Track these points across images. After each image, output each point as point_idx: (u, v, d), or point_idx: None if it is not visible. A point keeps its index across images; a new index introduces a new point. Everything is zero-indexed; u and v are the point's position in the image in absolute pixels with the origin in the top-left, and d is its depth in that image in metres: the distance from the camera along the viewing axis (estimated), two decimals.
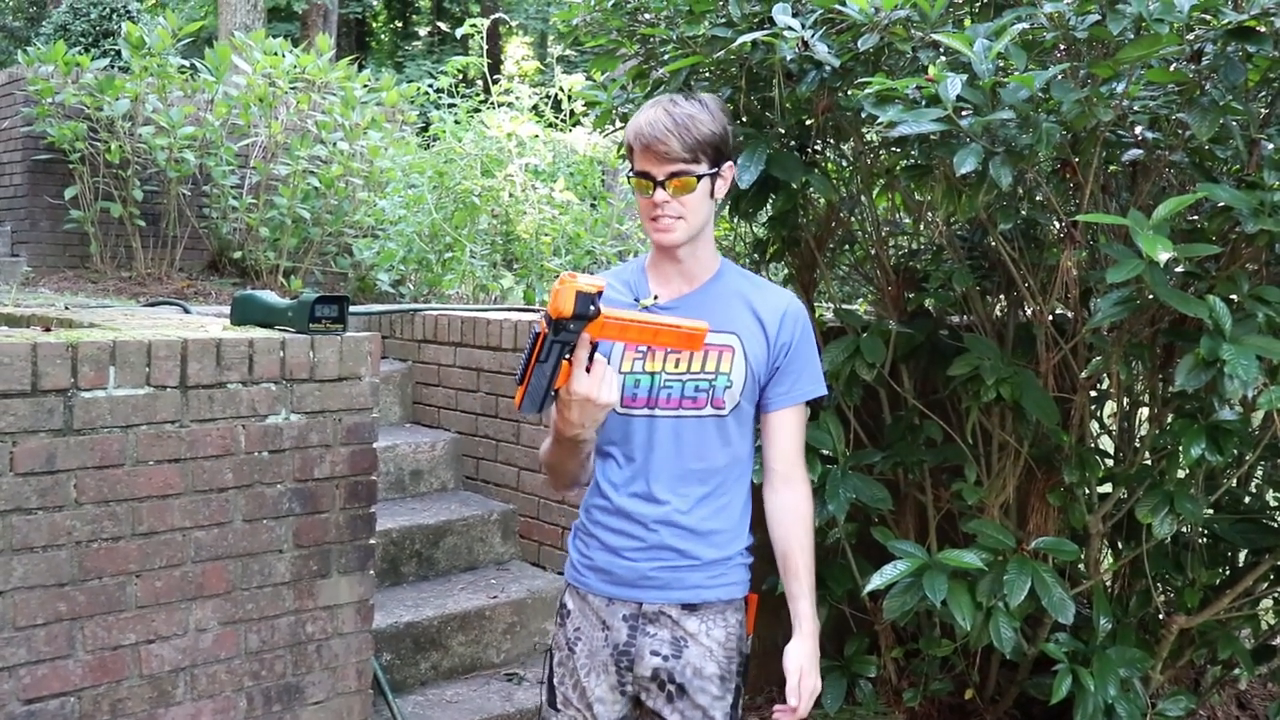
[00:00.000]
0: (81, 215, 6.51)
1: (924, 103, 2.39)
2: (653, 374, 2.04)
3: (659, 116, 1.97)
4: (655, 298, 2.09)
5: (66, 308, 3.79)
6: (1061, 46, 2.52)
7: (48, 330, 2.58)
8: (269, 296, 2.86)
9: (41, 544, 2.31)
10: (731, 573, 2.11)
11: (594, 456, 2.11)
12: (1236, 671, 3.72)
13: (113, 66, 7.01)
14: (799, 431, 2.15)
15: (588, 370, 1.80)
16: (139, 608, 2.45)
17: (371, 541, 2.83)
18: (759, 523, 2.15)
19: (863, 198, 3.43)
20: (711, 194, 2.03)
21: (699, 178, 1.98)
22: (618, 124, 3.47)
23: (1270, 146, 2.45)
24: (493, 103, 6.48)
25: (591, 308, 1.74)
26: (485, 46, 6.84)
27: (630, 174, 2.05)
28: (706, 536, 2.07)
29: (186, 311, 4.29)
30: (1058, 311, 3.15)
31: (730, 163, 2.07)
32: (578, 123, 6.67)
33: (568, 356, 1.78)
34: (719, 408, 2.04)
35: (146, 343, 2.42)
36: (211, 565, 2.55)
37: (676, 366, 2.04)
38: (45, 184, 6.74)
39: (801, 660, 2.08)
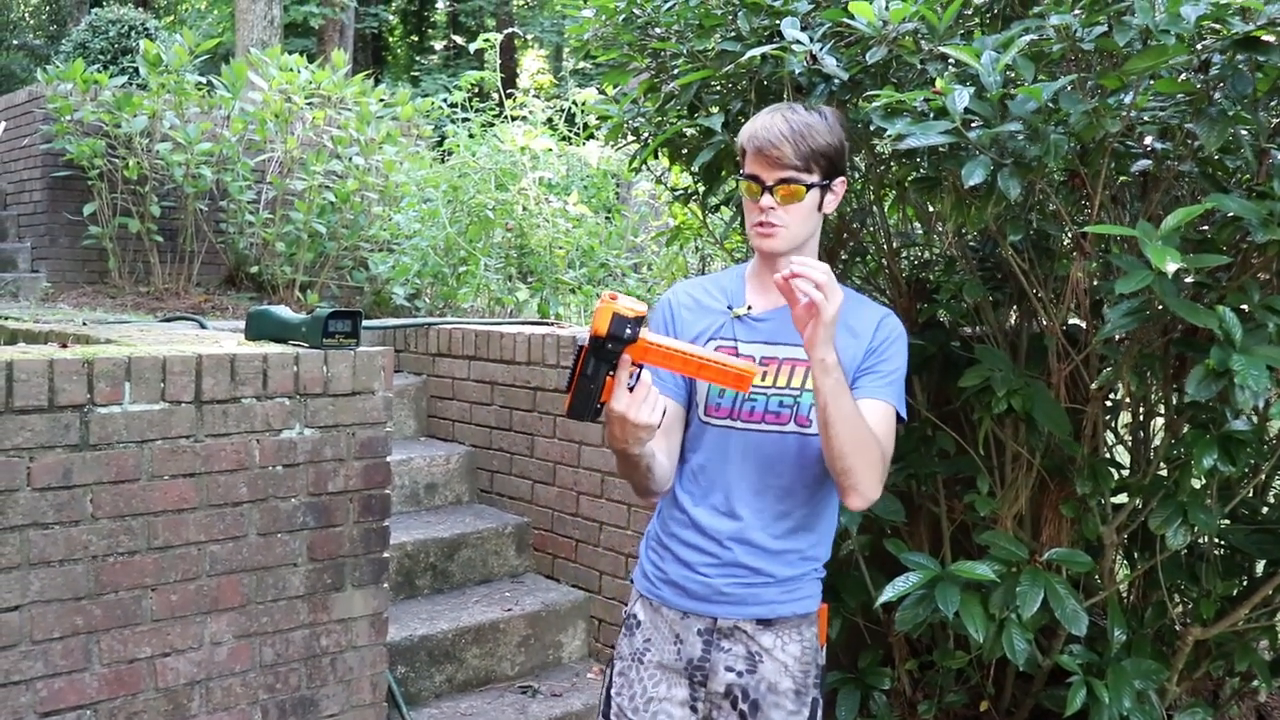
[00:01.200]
0: (100, 231, 6.57)
1: (932, 115, 2.39)
2: None
3: (776, 122, 1.95)
4: (749, 307, 2.06)
5: (84, 323, 3.83)
6: (1069, 58, 2.52)
7: (65, 346, 2.61)
8: (283, 312, 2.88)
9: (58, 558, 2.33)
10: (806, 587, 2.09)
11: (673, 464, 2.06)
12: (1255, 683, 3.70)
13: (131, 84, 7.08)
14: (886, 424, 1.97)
15: (631, 389, 1.78)
16: (154, 621, 2.47)
17: (386, 555, 2.85)
18: None
19: (874, 209, 3.43)
20: (820, 207, 2.00)
21: (809, 187, 1.96)
22: (629, 138, 3.49)
23: None
24: (507, 117, 6.52)
25: (628, 331, 1.74)
26: (500, 61, 6.87)
27: (740, 176, 2.03)
28: (781, 556, 2.04)
29: (203, 327, 4.32)
30: (1070, 322, 3.14)
31: (843, 178, 2.03)
32: (591, 136, 6.70)
33: (612, 373, 1.78)
34: (803, 425, 1.99)
35: (162, 358, 2.45)
36: (226, 579, 2.57)
37: (763, 379, 2.00)
38: (64, 200, 6.81)
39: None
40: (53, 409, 2.30)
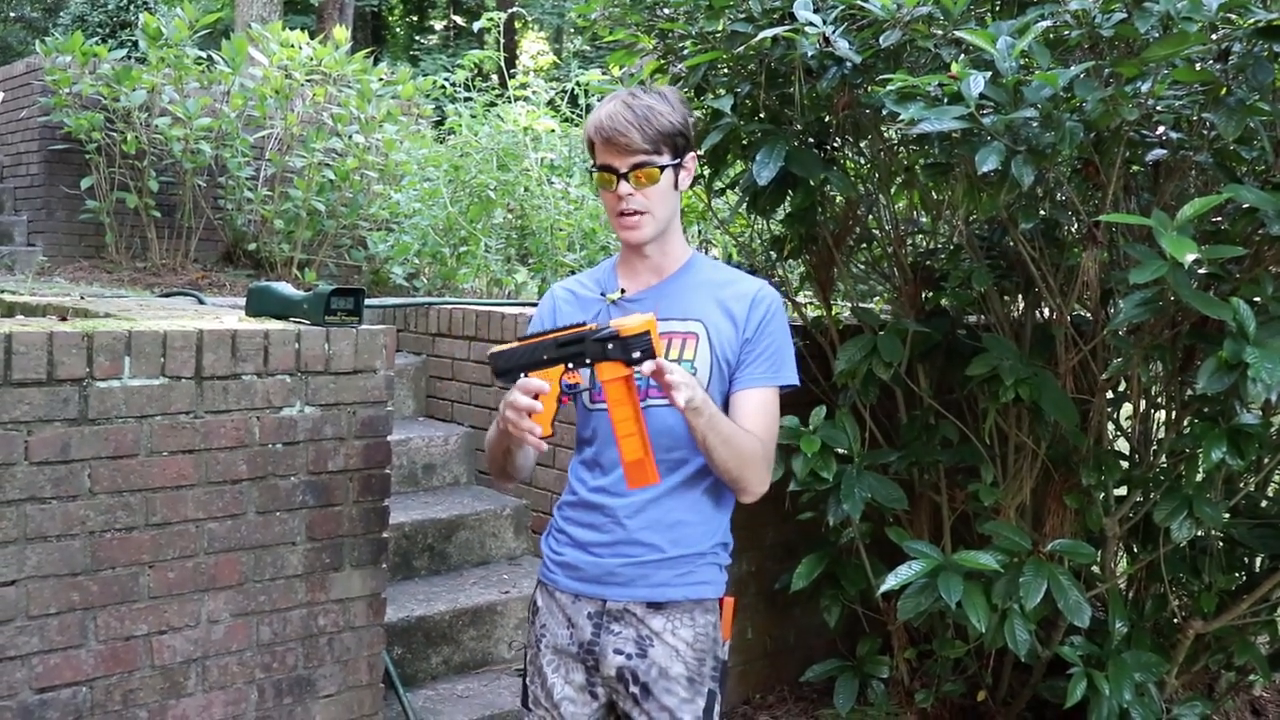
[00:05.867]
0: (97, 205, 6.51)
1: (946, 100, 2.37)
2: None
3: (618, 109, 1.97)
4: (622, 291, 2.08)
5: (82, 297, 3.79)
6: (1085, 45, 2.49)
7: (64, 320, 2.58)
8: (285, 288, 2.85)
9: (55, 533, 2.31)
10: (701, 571, 2.06)
11: (535, 459, 2.12)
12: (1252, 678, 3.70)
13: (130, 57, 7.01)
14: (765, 414, 2.03)
15: (563, 396, 1.83)
16: (152, 598, 2.45)
17: (384, 535, 2.83)
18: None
19: (881, 196, 3.41)
20: (675, 185, 2.02)
21: (662, 169, 1.98)
22: None
23: None
24: (509, 97, 6.47)
25: (637, 354, 1.77)
26: (502, 40, 6.83)
27: (591, 169, 2.04)
28: (674, 529, 2.03)
29: (201, 302, 4.28)
30: (1077, 312, 3.12)
31: (693, 154, 2.06)
32: None
33: (570, 365, 1.79)
34: None
35: (162, 333, 2.42)
36: (224, 557, 2.55)
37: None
38: (62, 174, 6.75)
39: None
40: (51, 382, 2.27)
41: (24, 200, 7.07)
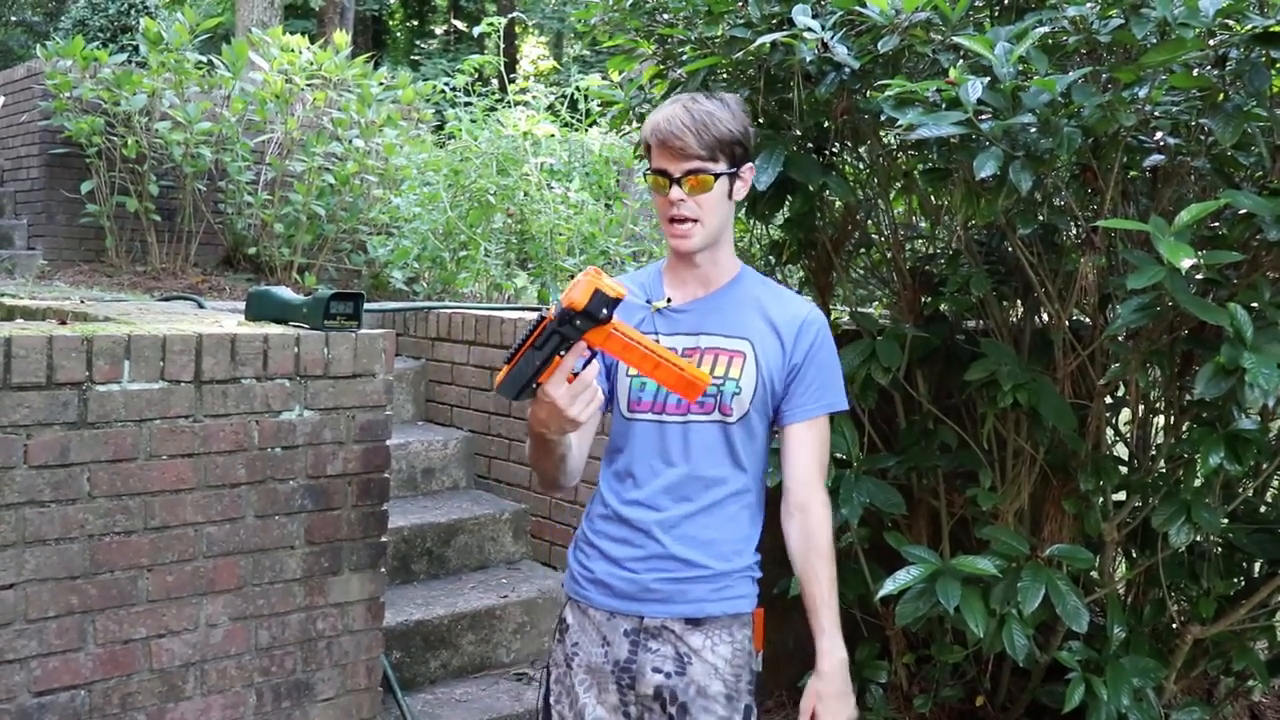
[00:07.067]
0: (97, 209, 6.52)
1: (944, 106, 2.37)
2: None
3: (677, 113, 1.93)
4: (669, 300, 2.03)
5: (82, 301, 3.79)
6: (1083, 51, 2.50)
7: (63, 323, 2.59)
8: (284, 292, 2.86)
9: (54, 537, 2.31)
10: (738, 585, 2.04)
11: (584, 458, 2.03)
12: (1250, 683, 3.69)
13: (130, 62, 7.02)
14: (818, 449, 2.04)
15: (571, 379, 1.72)
16: (150, 602, 2.45)
17: (383, 539, 2.83)
18: (771, 527, 2.11)
19: (880, 201, 3.41)
20: (730, 195, 1.98)
21: (716, 176, 1.93)
22: (634, 124, 3.46)
23: None
24: (509, 102, 6.48)
25: (604, 311, 1.67)
26: (502, 45, 6.83)
27: (647, 172, 2.00)
28: (710, 545, 2.00)
29: (201, 306, 4.29)
30: (1075, 317, 3.13)
31: (750, 164, 2.02)
32: (594, 123, 6.67)
33: (562, 353, 1.70)
34: (726, 415, 1.98)
35: (161, 337, 2.42)
36: (223, 560, 2.55)
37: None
38: (62, 178, 6.76)
39: (813, 700, 2.00)
40: (51, 386, 2.28)
41: (24, 204, 7.08)
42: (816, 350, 2.03)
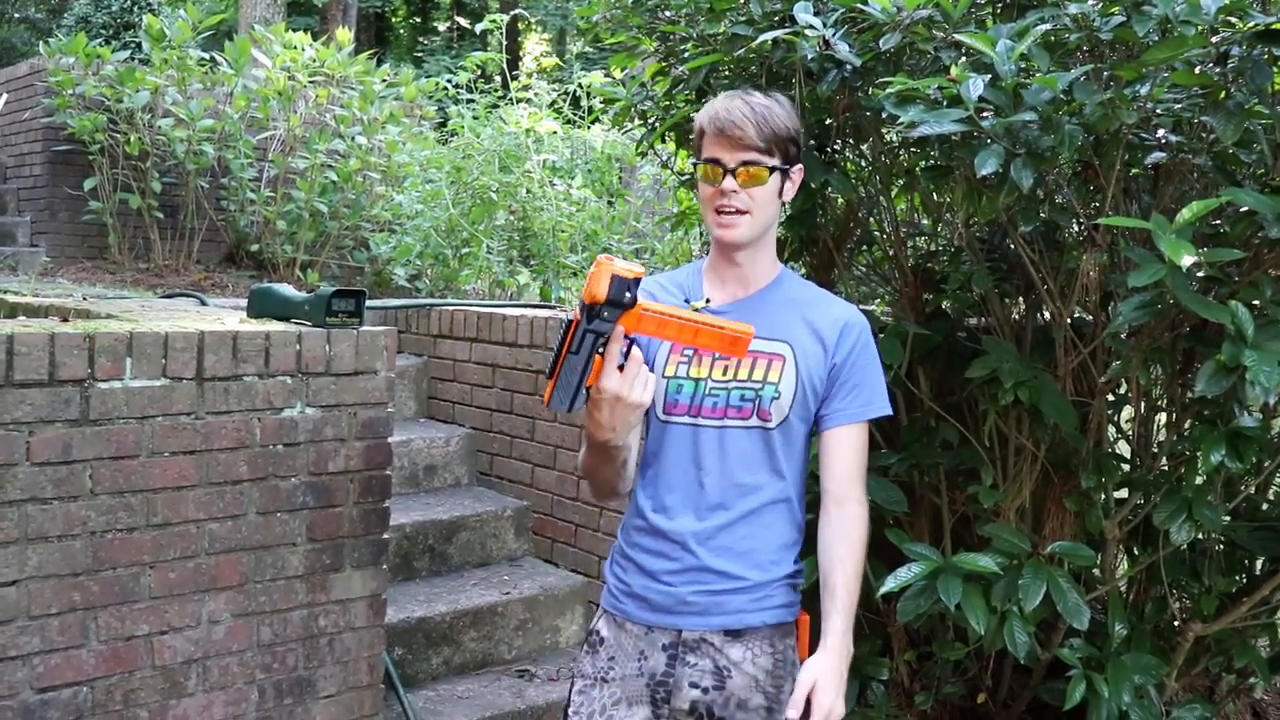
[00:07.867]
0: (100, 206, 6.53)
1: (945, 103, 2.37)
2: (697, 380, 1.95)
3: (737, 104, 1.92)
4: (707, 300, 2.00)
5: (84, 298, 3.80)
6: (1085, 48, 2.50)
7: (66, 321, 2.59)
8: (286, 289, 2.86)
9: (56, 534, 2.31)
10: (778, 595, 2.00)
11: (637, 461, 2.01)
12: (1252, 680, 3.69)
13: (133, 59, 7.02)
14: (857, 453, 2.02)
15: (621, 367, 1.70)
16: (152, 599, 2.46)
17: (385, 536, 2.84)
18: (810, 548, 2.06)
19: (881, 198, 3.41)
20: (780, 193, 1.96)
21: (771, 170, 1.92)
22: (636, 121, 3.46)
23: None
24: (511, 99, 6.48)
25: (627, 294, 1.64)
26: (504, 42, 6.84)
27: (697, 161, 1.97)
28: (748, 556, 1.96)
29: (203, 303, 4.29)
30: (1076, 315, 3.12)
31: (800, 167, 2.00)
32: (596, 120, 6.67)
33: (601, 350, 1.67)
34: (765, 419, 1.95)
35: (163, 334, 2.43)
36: (225, 557, 2.56)
37: (724, 374, 1.95)
38: (65, 175, 6.77)
39: (816, 674, 1.87)
40: (53, 383, 2.28)
41: (27, 201, 7.09)
42: (858, 353, 2.01)
